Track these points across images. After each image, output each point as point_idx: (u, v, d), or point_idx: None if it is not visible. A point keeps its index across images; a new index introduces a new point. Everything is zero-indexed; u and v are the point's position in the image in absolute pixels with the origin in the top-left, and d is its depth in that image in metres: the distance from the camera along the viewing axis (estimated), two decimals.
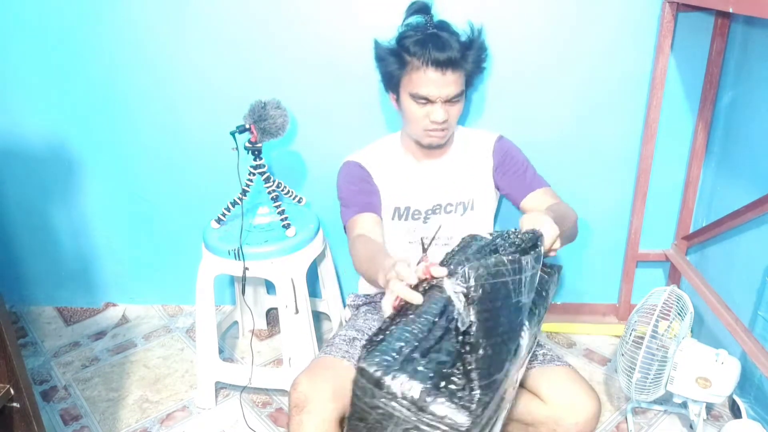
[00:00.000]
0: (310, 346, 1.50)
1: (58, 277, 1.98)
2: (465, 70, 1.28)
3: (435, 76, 1.24)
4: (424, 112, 1.28)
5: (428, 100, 1.26)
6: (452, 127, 1.33)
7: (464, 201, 1.40)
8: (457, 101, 1.28)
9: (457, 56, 1.23)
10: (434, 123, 1.28)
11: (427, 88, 1.25)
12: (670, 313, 1.24)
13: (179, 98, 1.69)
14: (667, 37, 1.43)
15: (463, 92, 1.29)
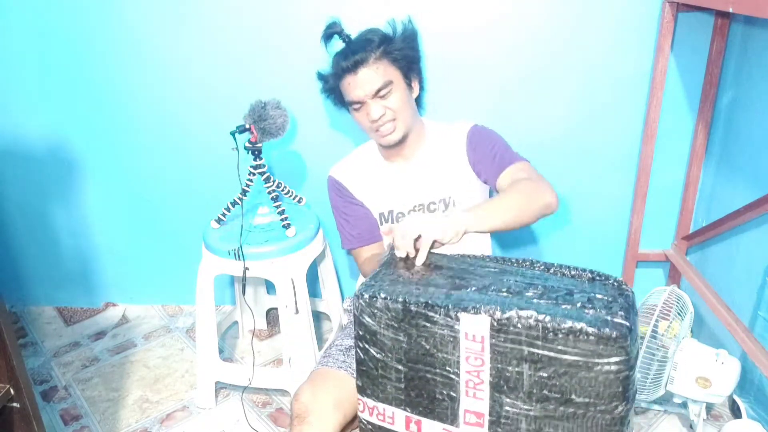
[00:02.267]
0: (310, 346, 1.50)
1: (58, 277, 1.98)
2: (386, 60, 1.29)
3: (351, 79, 1.28)
4: (364, 116, 1.30)
5: (359, 102, 1.29)
6: (401, 117, 1.30)
7: (444, 198, 1.39)
8: (387, 93, 1.28)
9: (364, 55, 1.26)
10: (374, 121, 1.29)
11: (351, 92, 1.29)
12: (670, 313, 1.24)
13: (179, 98, 1.69)
14: (667, 37, 1.43)
15: (392, 81, 1.28)
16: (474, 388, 0.84)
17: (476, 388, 0.84)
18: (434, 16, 1.48)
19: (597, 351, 0.74)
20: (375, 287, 0.87)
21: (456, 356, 0.84)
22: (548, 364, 0.78)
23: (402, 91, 1.31)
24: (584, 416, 0.79)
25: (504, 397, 0.83)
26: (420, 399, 0.89)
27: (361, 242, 1.43)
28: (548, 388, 0.79)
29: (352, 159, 1.47)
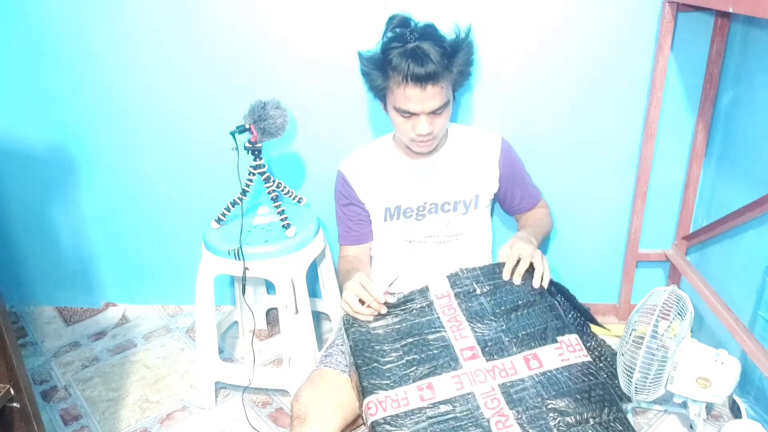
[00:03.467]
0: (310, 346, 1.50)
1: (58, 277, 1.98)
2: (449, 79, 1.25)
3: (415, 92, 1.21)
4: (409, 125, 1.28)
5: (411, 113, 1.25)
6: (440, 134, 1.33)
7: (461, 200, 1.40)
8: (441, 112, 1.27)
9: (438, 69, 1.20)
10: (420, 135, 1.28)
11: (409, 103, 1.23)
12: (670, 313, 1.24)
13: (179, 98, 1.69)
14: (667, 37, 1.43)
15: (449, 101, 1.27)
16: (458, 330, 1.13)
17: (459, 329, 1.13)
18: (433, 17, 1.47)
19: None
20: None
21: (435, 315, 1.17)
22: (494, 289, 1.19)
23: (450, 110, 1.30)
24: (531, 308, 1.15)
25: (480, 325, 1.13)
26: (423, 363, 1.08)
27: (350, 241, 1.50)
28: (503, 304, 1.16)
29: (364, 152, 1.47)
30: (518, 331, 1.11)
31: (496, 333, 1.11)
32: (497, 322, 1.13)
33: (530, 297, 1.16)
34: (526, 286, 1.18)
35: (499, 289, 1.19)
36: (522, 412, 0.98)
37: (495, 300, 1.17)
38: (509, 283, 1.19)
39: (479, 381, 1.04)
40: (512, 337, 1.10)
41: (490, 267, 1.24)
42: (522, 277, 1.20)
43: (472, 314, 1.15)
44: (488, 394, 1.01)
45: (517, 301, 1.16)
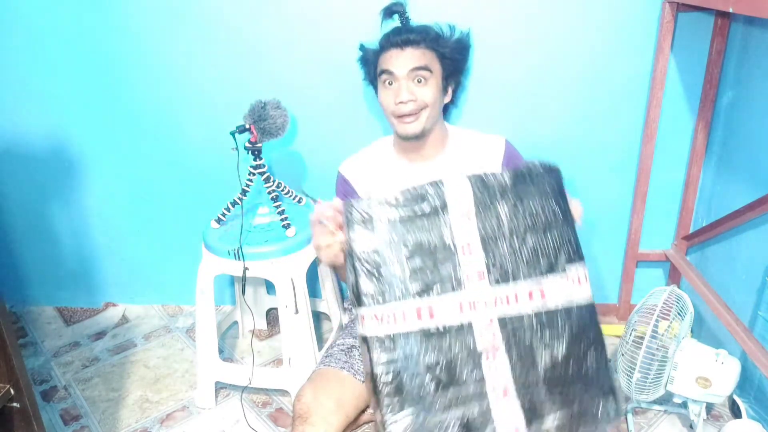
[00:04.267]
0: (310, 346, 1.50)
1: (58, 277, 1.98)
2: (434, 51, 1.31)
3: (395, 52, 1.29)
4: (391, 94, 1.30)
5: (392, 74, 1.29)
6: (426, 113, 1.30)
7: None
8: (423, 80, 1.28)
9: (417, 37, 1.29)
10: (400, 103, 1.28)
11: (388, 63, 1.30)
12: (670, 313, 1.24)
13: (179, 98, 1.69)
14: (667, 37, 1.43)
15: (431, 70, 1.29)
16: (468, 248, 1.00)
17: (470, 247, 1.00)
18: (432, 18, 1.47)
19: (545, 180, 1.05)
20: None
21: (447, 226, 1.00)
22: (517, 203, 1.02)
23: (436, 87, 1.31)
24: (550, 231, 1.03)
25: (492, 244, 1.01)
26: (426, 281, 0.98)
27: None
28: (524, 221, 1.02)
29: (364, 154, 1.47)
30: (531, 254, 1.03)
31: (508, 254, 1.01)
32: (511, 242, 1.02)
33: (552, 217, 1.03)
34: (551, 203, 1.04)
35: (522, 202, 1.03)
36: (514, 350, 0.97)
37: (516, 216, 1.02)
38: (536, 194, 1.04)
39: (480, 308, 1.00)
40: (523, 259, 1.02)
41: (521, 173, 1.05)
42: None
43: (488, 231, 1.02)
44: (486, 325, 0.99)
45: (537, 219, 1.03)
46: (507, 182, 1.04)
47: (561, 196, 1.05)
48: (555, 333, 0.99)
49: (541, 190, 1.04)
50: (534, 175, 1.05)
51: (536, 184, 1.04)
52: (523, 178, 1.05)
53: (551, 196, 1.05)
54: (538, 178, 1.04)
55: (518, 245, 1.02)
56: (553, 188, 1.05)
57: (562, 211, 1.06)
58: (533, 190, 1.04)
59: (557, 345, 0.99)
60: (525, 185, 1.04)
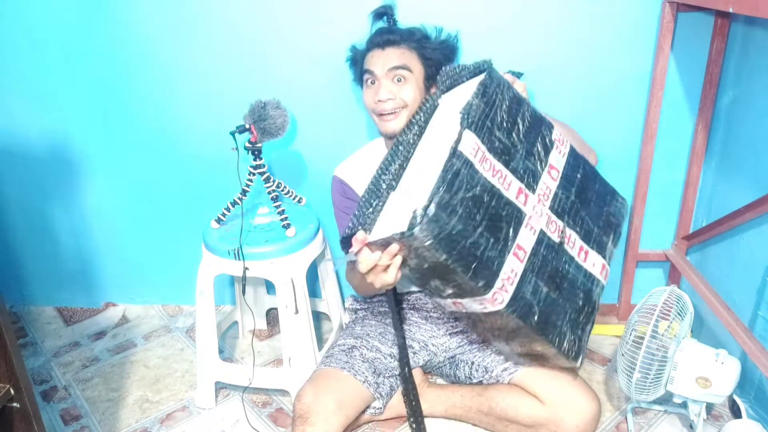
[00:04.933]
0: (310, 347, 1.50)
1: (58, 277, 1.98)
2: (414, 51, 1.33)
3: (376, 52, 1.33)
4: (372, 93, 1.32)
5: (372, 74, 1.31)
6: (407, 112, 1.31)
7: None
8: (403, 80, 1.30)
9: (397, 38, 1.32)
10: (379, 102, 1.29)
11: (370, 63, 1.33)
12: (670, 314, 1.24)
13: (179, 98, 1.69)
14: (667, 37, 1.43)
15: (411, 69, 1.31)
16: (501, 177, 1.09)
17: (502, 176, 1.09)
18: (433, 18, 1.47)
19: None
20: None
21: (479, 174, 1.06)
22: (509, 118, 1.13)
23: (417, 87, 1.32)
24: (533, 126, 1.16)
25: (509, 159, 1.11)
26: (502, 231, 1.08)
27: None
28: (520, 127, 1.14)
29: (358, 157, 1.48)
30: (532, 148, 1.15)
31: (523, 160, 1.13)
32: (519, 148, 1.13)
33: (520, 108, 1.16)
34: (512, 95, 1.16)
35: (512, 115, 1.14)
36: (569, 219, 1.17)
37: (511, 127, 1.13)
38: (496, 96, 1.12)
39: (538, 216, 1.13)
40: (531, 156, 1.15)
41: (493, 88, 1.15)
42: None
43: (500, 152, 1.10)
44: (548, 222, 1.14)
45: (514, 117, 1.14)
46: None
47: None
48: (572, 182, 1.21)
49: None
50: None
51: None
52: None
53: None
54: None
55: (523, 148, 1.14)
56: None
57: (527, 105, 1.19)
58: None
59: (576, 189, 1.21)
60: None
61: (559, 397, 1.24)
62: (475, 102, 1.07)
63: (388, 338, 1.42)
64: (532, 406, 1.26)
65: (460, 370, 1.41)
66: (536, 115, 1.17)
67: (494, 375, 1.33)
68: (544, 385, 1.26)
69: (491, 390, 1.33)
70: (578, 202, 1.21)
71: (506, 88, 1.14)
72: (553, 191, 1.17)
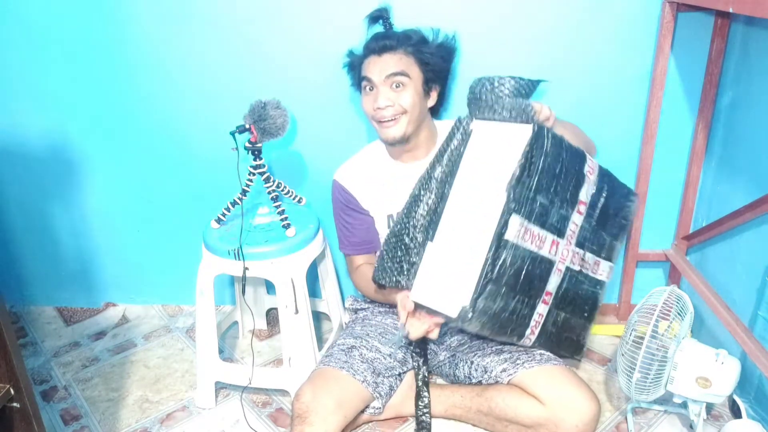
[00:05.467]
0: (310, 347, 1.50)
1: (58, 277, 1.98)
2: (412, 56, 1.32)
3: (373, 58, 1.32)
4: (370, 100, 1.32)
5: (370, 81, 1.31)
6: (406, 118, 1.32)
7: None
8: (400, 86, 1.30)
9: (394, 43, 1.31)
10: (378, 109, 1.30)
11: (367, 69, 1.33)
12: (670, 314, 1.24)
13: (179, 98, 1.69)
14: (667, 37, 1.43)
15: (408, 76, 1.30)
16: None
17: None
18: (433, 18, 1.47)
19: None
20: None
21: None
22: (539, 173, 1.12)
23: (416, 93, 1.32)
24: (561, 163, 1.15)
25: (545, 219, 1.14)
26: (547, 214, 1.13)
27: (358, 251, 1.49)
28: (541, 177, 1.12)
29: (358, 161, 1.47)
30: (566, 194, 1.16)
31: (558, 211, 1.15)
32: (556, 202, 1.14)
33: (560, 158, 1.13)
34: (554, 150, 1.13)
35: (552, 172, 1.12)
36: (589, 245, 1.24)
37: (550, 184, 1.12)
38: (542, 161, 1.10)
39: (565, 257, 1.20)
40: (565, 202, 1.16)
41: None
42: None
43: (539, 216, 1.12)
44: (572, 258, 1.21)
45: (555, 171, 1.13)
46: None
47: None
48: (597, 212, 1.25)
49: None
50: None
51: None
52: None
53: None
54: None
55: (551, 198, 1.15)
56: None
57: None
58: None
59: (602, 218, 1.26)
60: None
61: (559, 397, 1.24)
62: (523, 176, 1.07)
63: (387, 338, 1.42)
64: (532, 406, 1.26)
65: (460, 369, 1.41)
66: (573, 155, 1.16)
67: (493, 375, 1.33)
68: (544, 386, 1.26)
69: (491, 390, 1.33)
70: (600, 222, 1.23)
71: (550, 142, 1.10)
72: (579, 226, 1.19)
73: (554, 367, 1.29)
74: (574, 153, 1.16)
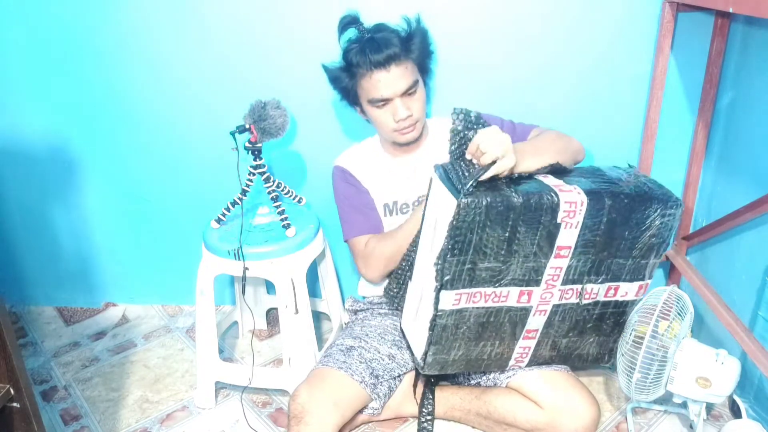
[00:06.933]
0: (310, 347, 1.50)
1: (58, 277, 1.98)
2: (411, 59, 1.31)
3: (381, 75, 1.27)
4: (388, 114, 1.32)
5: (385, 99, 1.29)
6: (421, 117, 1.35)
7: None
8: (413, 92, 1.31)
9: (396, 50, 1.27)
10: (400, 121, 1.30)
11: (380, 89, 1.28)
12: (670, 314, 1.24)
13: (179, 98, 1.69)
14: (667, 37, 1.43)
15: (418, 81, 1.31)
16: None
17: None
18: (433, 16, 1.47)
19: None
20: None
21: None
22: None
23: (423, 91, 1.35)
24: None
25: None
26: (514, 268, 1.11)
27: (370, 230, 1.45)
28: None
29: (356, 150, 1.50)
30: (532, 248, 1.09)
31: (521, 265, 1.11)
32: (515, 257, 1.09)
33: (506, 222, 1.05)
34: (492, 217, 1.04)
35: (498, 232, 1.06)
36: (589, 277, 1.18)
37: (500, 244, 1.07)
38: (474, 231, 1.04)
39: (548, 299, 1.17)
40: (531, 255, 1.10)
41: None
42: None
43: (484, 279, 1.10)
44: (561, 295, 1.17)
45: (502, 235, 1.06)
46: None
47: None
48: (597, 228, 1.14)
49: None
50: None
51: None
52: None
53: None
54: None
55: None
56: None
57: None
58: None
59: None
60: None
61: (558, 402, 1.24)
62: (453, 251, 1.03)
63: (387, 339, 1.42)
64: (531, 411, 1.25)
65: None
66: (531, 210, 1.05)
67: (492, 378, 1.33)
68: (543, 390, 1.25)
69: (490, 393, 1.33)
70: (603, 253, 1.15)
71: (486, 212, 1.02)
72: (564, 268, 1.14)
73: (554, 372, 1.29)
74: (532, 209, 1.04)
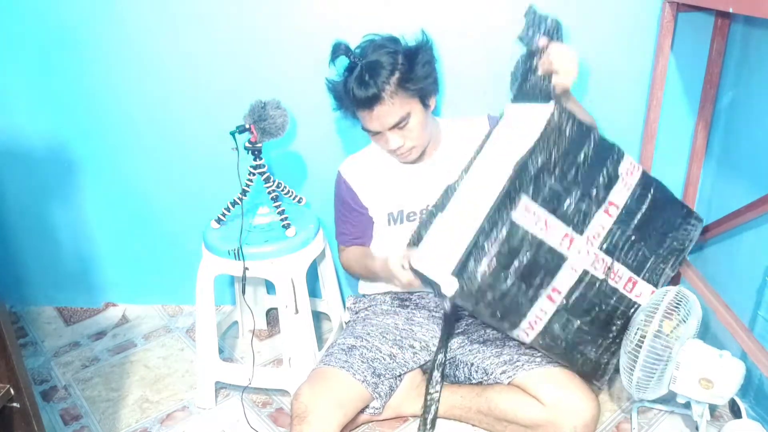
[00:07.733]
0: (310, 347, 1.50)
1: (58, 277, 1.98)
2: (402, 93, 1.25)
3: (366, 114, 1.27)
4: (382, 141, 1.33)
5: (374, 132, 1.30)
6: (420, 142, 1.34)
7: None
8: (405, 125, 1.28)
9: (377, 91, 1.22)
10: (392, 150, 1.32)
11: (367, 123, 1.30)
12: (674, 314, 1.24)
13: (179, 98, 1.69)
14: (667, 37, 1.43)
15: (409, 113, 1.27)
16: (544, 224, 1.10)
17: (545, 223, 1.10)
18: (433, 16, 1.47)
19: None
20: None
21: (518, 225, 1.08)
22: (548, 158, 1.10)
23: (419, 116, 1.31)
24: (590, 159, 1.13)
25: (555, 204, 1.11)
26: (538, 277, 1.12)
27: (349, 243, 1.52)
28: (563, 167, 1.11)
29: (365, 157, 1.49)
30: (589, 188, 1.12)
31: (576, 202, 1.12)
32: (567, 190, 1.10)
33: (583, 146, 1.11)
34: (575, 134, 1.10)
35: (571, 158, 1.10)
36: (620, 254, 1.18)
37: (567, 170, 1.10)
38: (558, 142, 1.08)
39: (583, 257, 1.14)
40: (587, 197, 1.12)
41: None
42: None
43: (544, 198, 1.09)
44: (594, 261, 1.15)
45: (575, 158, 1.10)
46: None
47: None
48: (633, 216, 1.19)
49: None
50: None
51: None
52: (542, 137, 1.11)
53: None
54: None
55: (575, 189, 1.12)
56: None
57: (587, 136, 1.14)
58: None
59: (639, 222, 1.20)
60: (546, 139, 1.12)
61: (558, 399, 1.24)
62: (533, 154, 1.05)
63: (388, 338, 1.42)
64: (532, 407, 1.26)
65: (460, 370, 1.41)
66: (603, 147, 1.11)
67: (493, 377, 1.33)
68: (544, 387, 1.26)
69: (490, 391, 1.33)
70: (638, 234, 1.17)
71: (573, 127, 1.07)
72: (607, 229, 1.14)
73: (554, 369, 1.29)
74: (603, 146, 1.11)
